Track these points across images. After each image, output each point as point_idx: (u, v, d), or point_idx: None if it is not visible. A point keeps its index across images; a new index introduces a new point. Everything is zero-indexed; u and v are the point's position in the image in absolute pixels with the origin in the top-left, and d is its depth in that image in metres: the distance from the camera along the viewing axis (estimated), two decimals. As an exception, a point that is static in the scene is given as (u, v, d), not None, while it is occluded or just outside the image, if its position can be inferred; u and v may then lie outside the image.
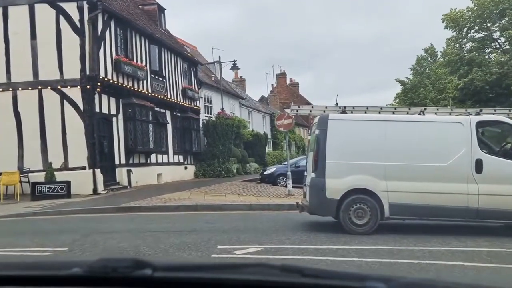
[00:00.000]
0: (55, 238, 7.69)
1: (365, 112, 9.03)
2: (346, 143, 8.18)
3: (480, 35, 29.42)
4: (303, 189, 9.52)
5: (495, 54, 30.11)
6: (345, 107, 8.93)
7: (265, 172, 21.53)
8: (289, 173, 15.63)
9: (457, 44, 29.83)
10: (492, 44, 29.63)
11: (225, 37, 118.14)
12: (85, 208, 11.69)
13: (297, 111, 10.14)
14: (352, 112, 8.98)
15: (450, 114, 9.24)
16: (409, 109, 10.09)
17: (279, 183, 19.74)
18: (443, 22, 29.02)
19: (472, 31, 29.13)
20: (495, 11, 27.15)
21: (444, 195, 7.85)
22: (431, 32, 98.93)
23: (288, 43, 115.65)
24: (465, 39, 29.61)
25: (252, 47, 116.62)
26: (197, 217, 10.38)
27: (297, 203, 9.28)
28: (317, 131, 8.32)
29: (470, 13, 28.11)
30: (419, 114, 8.88)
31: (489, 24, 28.55)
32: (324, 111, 9.11)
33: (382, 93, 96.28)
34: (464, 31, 28.94)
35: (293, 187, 15.84)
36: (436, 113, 9.35)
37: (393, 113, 9.34)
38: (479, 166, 7.87)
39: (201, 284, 1.30)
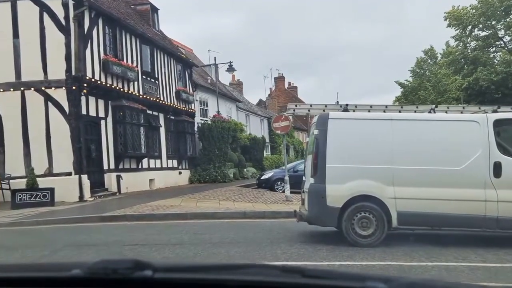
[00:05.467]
0: (21, 253, 6.83)
1: (369, 111, 8.21)
2: (348, 144, 7.36)
3: (484, 33, 28.58)
4: (301, 196, 8.69)
5: (500, 53, 29.26)
6: (347, 105, 8.10)
7: (262, 177, 20.65)
8: (286, 177, 14.81)
9: (461, 43, 28.95)
10: (497, 42, 28.79)
11: (227, 42, 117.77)
12: (66, 217, 10.82)
13: (294, 110, 9.30)
14: (354, 111, 8.15)
15: (462, 112, 8.40)
16: (417, 107, 9.27)
17: (277, 188, 18.89)
18: (445, 20, 28.16)
19: (476, 29, 28.27)
20: (499, 9, 26.33)
21: (458, 202, 7.01)
22: (434, 37, 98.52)
23: (290, 47, 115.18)
24: (469, 38, 28.74)
25: (254, 52, 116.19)
26: (185, 227, 9.52)
27: (295, 211, 8.43)
28: (316, 132, 7.46)
29: (473, 10, 27.27)
30: (430, 112, 8.06)
31: (493, 22, 27.69)
32: (323, 110, 8.29)
33: (382, 96, 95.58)
34: (468, 29, 28.07)
35: (291, 192, 15.05)
36: (446, 112, 8.51)
37: (399, 111, 8.50)
38: (497, 169, 7.03)
39: (201, 285, 1.30)
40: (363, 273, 1.51)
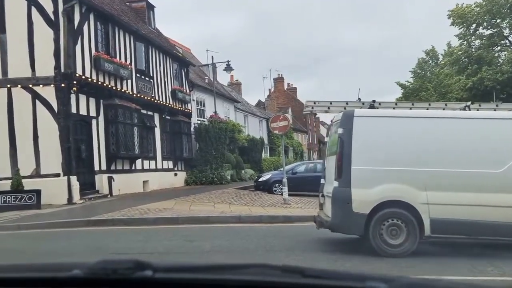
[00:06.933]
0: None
1: (393, 108, 7.62)
2: (376, 144, 6.71)
3: (489, 32, 27.92)
4: (319, 200, 8.05)
5: (505, 52, 28.58)
6: (373, 101, 7.48)
7: (260, 179, 20.04)
8: (285, 180, 14.20)
9: (465, 42, 28.27)
10: (502, 41, 28.12)
11: (227, 43, 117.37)
12: (50, 221, 10.14)
13: (312, 107, 8.56)
14: (377, 108, 7.53)
15: (495, 110, 7.77)
16: (445, 104, 8.67)
17: (275, 190, 18.30)
18: (449, 18, 27.52)
19: (481, 27, 27.60)
20: (505, 6, 25.67)
21: (498, 209, 6.36)
22: (434, 37, 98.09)
23: (291, 49, 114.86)
24: (473, 36, 28.07)
25: (254, 53, 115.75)
26: (176, 232, 8.88)
27: (314, 217, 7.73)
28: (340, 131, 6.77)
29: (478, 8, 26.62)
30: (464, 109, 7.44)
31: (498, 21, 27.04)
32: (345, 108, 7.69)
33: (383, 98, 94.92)
34: (472, 27, 27.40)
35: (290, 195, 14.51)
36: (478, 109, 7.90)
37: (427, 109, 7.92)
38: None
39: (202, 285, 1.30)
40: (363, 273, 1.42)
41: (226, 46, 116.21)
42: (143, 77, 18.93)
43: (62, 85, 13.83)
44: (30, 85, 13.86)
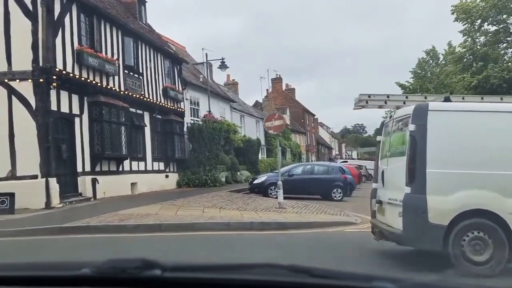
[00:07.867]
0: None
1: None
2: (455, 144, 5.78)
3: (494, 28, 26.95)
4: (370, 207, 7.09)
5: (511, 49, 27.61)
6: (450, 92, 6.51)
7: (255, 181, 19.07)
8: (279, 182, 13.25)
9: (469, 38, 27.29)
10: (508, 38, 27.13)
11: (227, 45, 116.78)
12: (17, 229, 9.15)
13: (366, 102, 7.56)
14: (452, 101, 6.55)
15: None
16: None
17: (271, 193, 17.35)
18: (452, 13, 26.55)
19: (486, 23, 26.63)
20: (511, 2, 24.69)
21: None
22: (435, 38, 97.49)
23: (291, 50, 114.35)
24: (478, 33, 27.09)
25: (254, 55, 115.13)
26: (155, 242, 7.91)
27: (372, 227, 6.77)
28: (411, 127, 5.83)
29: (483, 3, 25.70)
30: None
31: (504, 16, 26.09)
32: (404, 102, 6.75)
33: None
34: (477, 23, 26.43)
35: (285, 198, 13.60)
36: None
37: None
38: None
39: (209, 284, 1.31)
40: (370, 273, 1.33)
41: (225, 47, 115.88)
42: (131, 73, 17.96)
43: (41, 80, 12.85)
44: (6, 80, 12.88)
